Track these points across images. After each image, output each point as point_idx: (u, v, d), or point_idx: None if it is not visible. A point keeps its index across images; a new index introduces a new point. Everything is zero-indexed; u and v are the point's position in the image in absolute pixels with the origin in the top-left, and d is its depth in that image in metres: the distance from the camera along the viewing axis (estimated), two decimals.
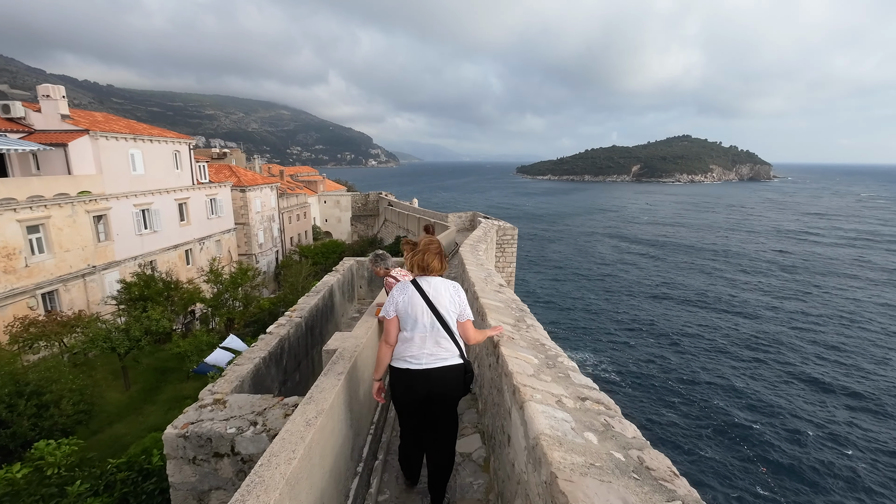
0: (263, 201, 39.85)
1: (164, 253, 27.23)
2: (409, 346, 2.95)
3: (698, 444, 22.31)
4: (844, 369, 29.57)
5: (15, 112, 21.91)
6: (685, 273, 54.05)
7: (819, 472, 20.32)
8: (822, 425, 23.60)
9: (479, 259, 9.33)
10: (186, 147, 29.32)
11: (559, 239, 77.05)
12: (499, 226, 19.91)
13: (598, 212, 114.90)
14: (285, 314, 6.45)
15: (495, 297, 5.08)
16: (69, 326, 15.71)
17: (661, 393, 27.05)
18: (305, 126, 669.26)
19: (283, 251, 43.82)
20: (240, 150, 49.93)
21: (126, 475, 5.00)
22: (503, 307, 4.73)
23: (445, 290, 3.00)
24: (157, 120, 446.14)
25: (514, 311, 4.76)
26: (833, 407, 25.24)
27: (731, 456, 21.41)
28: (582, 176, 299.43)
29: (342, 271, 8.98)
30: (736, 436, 22.65)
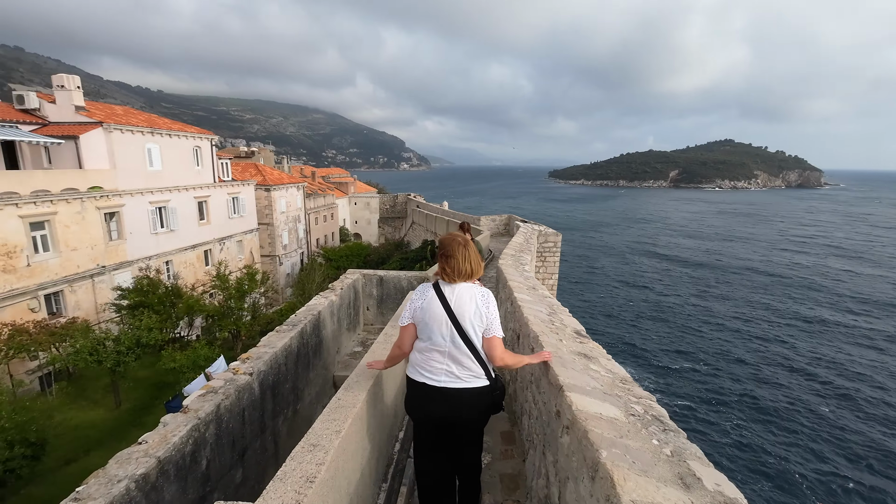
0: (289, 201, 38.51)
1: (181, 253, 25.94)
2: (426, 359, 2.57)
3: None
4: None
5: (29, 103, 20.98)
6: (735, 290, 49.36)
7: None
8: None
9: (526, 276, 6.80)
10: (208, 143, 28.07)
11: (596, 248, 73.02)
12: (540, 231, 17.24)
13: (637, 221, 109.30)
14: (231, 365, 4.12)
15: (583, 370, 2.60)
16: (58, 336, 14.12)
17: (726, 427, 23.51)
18: (340, 130, 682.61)
19: (308, 253, 42.42)
20: (268, 149, 49.07)
21: None
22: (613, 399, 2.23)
23: (471, 298, 2.53)
24: (201, 123, 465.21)
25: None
26: None
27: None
28: (616, 181, 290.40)
29: (340, 290, 6.61)
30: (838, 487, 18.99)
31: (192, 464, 3.12)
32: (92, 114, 21.50)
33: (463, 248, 2.61)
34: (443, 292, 2.54)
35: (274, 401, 4.38)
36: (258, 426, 4.08)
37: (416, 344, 2.64)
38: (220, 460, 3.46)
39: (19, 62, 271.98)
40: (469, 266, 2.58)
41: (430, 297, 2.56)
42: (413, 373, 2.64)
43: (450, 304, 2.51)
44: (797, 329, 36.92)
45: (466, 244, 2.64)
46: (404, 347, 2.68)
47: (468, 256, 2.60)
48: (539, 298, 5.03)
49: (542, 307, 4.53)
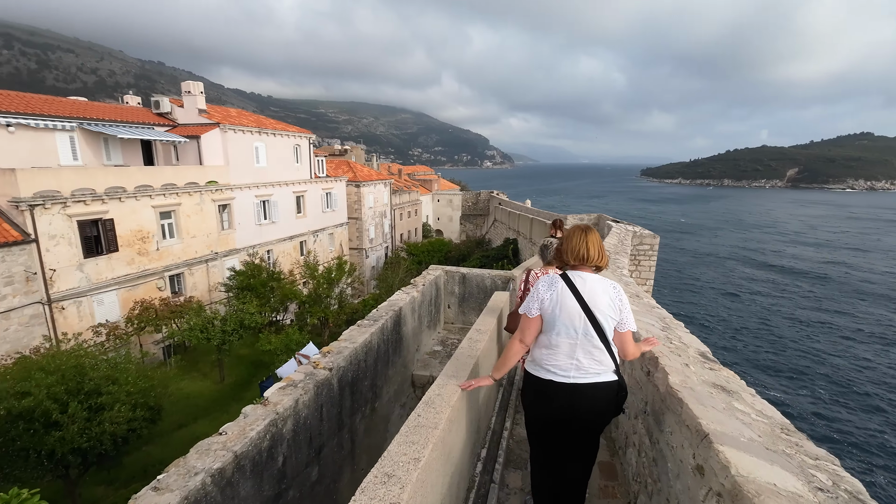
0: (376, 197, 40.07)
1: (280, 243, 28.11)
2: (552, 353, 2.44)
3: None
4: None
5: (163, 107, 23.99)
6: (867, 309, 41.90)
7: None
8: None
9: (626, 282, 6.05)
10: (306, 141, 30.07)
11: (692, 254, 66.56)
12: (634, 232, 15.82)
13: (744, 225, 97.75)
14: (312, 358, 4.04)
15: (727, 410, 2.01)
16: (177, 313, 15.91)
17: None
18: (427, 129, 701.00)
19: (392, 247, 43.88)
20: (359, 147, 51.59)
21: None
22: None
23: (604, 290, 2.40)
24: (303, 124, 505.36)
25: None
26: None
27: None
28: (720, 180, 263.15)
29: (422, 286, 6.41)
30: None
31: (269, 460, 3.03)
32: (211, 115, 24.02)
33: (582, 232, 2.56)
34: (573, 283, 2.42)
35: (352, 398, 4.24)
36: (336, 423, 3.96)
37: (539, 338, 2.52)
38: (296, 457, 3.36)
39: (161, 75, 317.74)
40: (588, 250, 2.50)
41: (561, 287, 2.43)
42: (536, 369, 2.52)
43: (582, 295, 2.38)
44: None
45: (587, 230, 2.58)
46: (527, 341, 2.54)
47: (587, 240, 2.52)
48: (646, 309, 4.35)
49: (653, 320, 3.87)
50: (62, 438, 7.49)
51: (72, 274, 16.97)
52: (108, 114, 21.26)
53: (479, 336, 3.62)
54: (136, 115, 22.77)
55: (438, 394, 2.52)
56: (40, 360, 8.41)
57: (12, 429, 7.48)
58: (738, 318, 39.05)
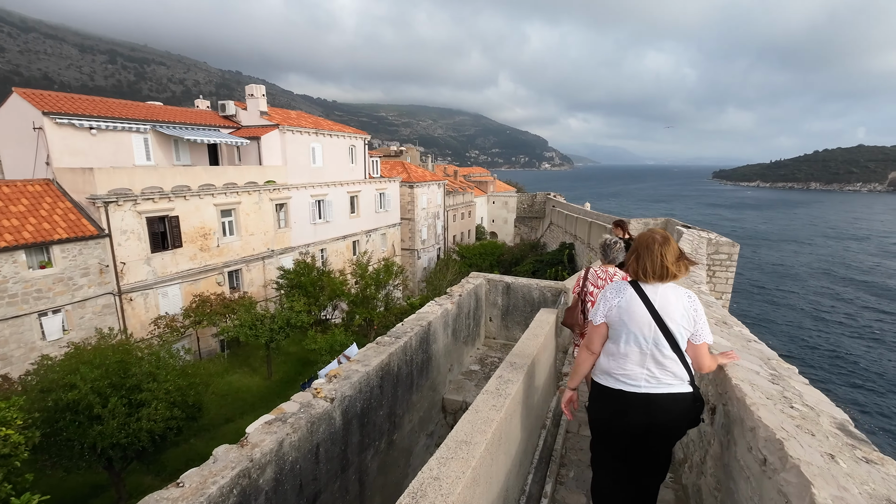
0: (430, 198, 39.86)
1: (334, 242, 28.54)
2: (622, 362, 2.33)
3: None
4: None
5: (229, 111, 25.11)
6: None
7: None
8: None
9: (708, 303, 4.92)
10: (361, 142, 30.36)
11: (774, 268, 60.37)
12: (709, 239, 14.03)
13: (836, 235, 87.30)
14: (314, 384, 3.41)
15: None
16: (231, 308, 16.32)
17: None
18: (484, 130, 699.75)
19: (444, 249, 43.51)
20: (414, 148, 51.83)
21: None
22: None
23: (678, 299, 2.29)
24: (365, 128, 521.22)
25: None
26: None
27: None
28: (807, 183, 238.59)
29: (458, 296, 5.64)
30: None
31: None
32: (271, 118, 24.80)
33: (661, 245, 2.35)
34: (644, 291, 2.32)
35: (362, 432, 3.56)
36: (338, 464, 3.29)
37: (608, 346, 2.44)
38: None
39: (238, 83, 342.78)
40: (666, 264, 2.30)
41: (630, 294, 2.34)
42: (605, 379, 2.42)
43: (653, 303, 2.29)
44: None
45: (666, 241, 2.38)
46: (594, 349, 2.49)
47: (667, 252, 2.32)
48: (741, 343, 3.29)
49: (754, 362, 2.83)
50: (102, 433, 7.60)
51: (140, 267, 17.99)
52: (179, 117, 22.51)
53: (511, 375, 2.80)
54: (203, 118, 23.98)
55: (472, 429, 1.76)
56: (88, 352, 8.67)
57: (60, 419, 7.71)
58: (829, 344, 34.55)
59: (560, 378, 5.45)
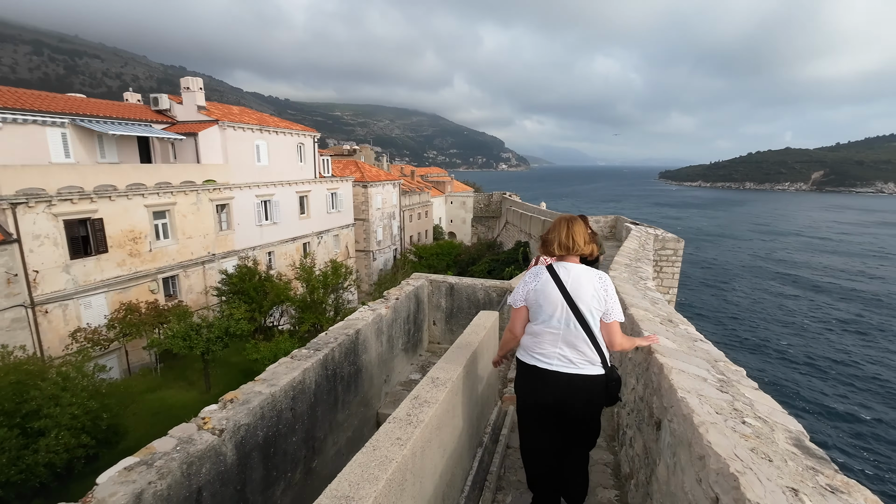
0: (385, 198, 39.07)
1: (282, 245, 27.23)
2: (538, 341, 2.48)
3: None
4: None
5: (162, 104, 23.31)
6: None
7: None
8: None
9: (653, 299, 4.73)
10: (311, 140, 29.19)
11: (715, 264, 64.02)
12: (656, 236, 14.32)
13: (770, 231, 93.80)
14: (202, 413, 2.85)
15: None
16: (162, 318, 14.98)
17: None
18: (442, 131, 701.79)
19: (401, 250, 42.82)
20: (368, 147, 50.78)
21: None
22: None
23: (589, 281, 2.40)
24: (320, 128, 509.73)
25: None
26: None
27: None
28: (742, 183, 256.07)
29: (395, 300, 5.17)
30: None
31: None
32: (211, 112, 23.26)
33: (567, 222, 2.55)
34: (558, 274, 2.44)
35: (266, 465, 3.02)
36: None
37: (529, 327, 2.57)
38: None
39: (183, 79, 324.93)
40: (570, 240, 2.48)
41: (545, 278, 2.46)
42: (523, 355, 2.57)
43: (565, 285, 2.40)
44: None
45: (572, 220, 2.56)
46: (516, 331, 2.62)
47: (570, 230, 2.50)
48: (687, 344, 3.02)
49: (702, 366, 2.55)
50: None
51: (57, 276, 16.21)
52: (104, 110, 20.60)
53: (430, 394, 2.37)
54: (132, 112, 22.11)
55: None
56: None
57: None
58: (767, 334, 36.87)
59: (506, 385, 5.10)
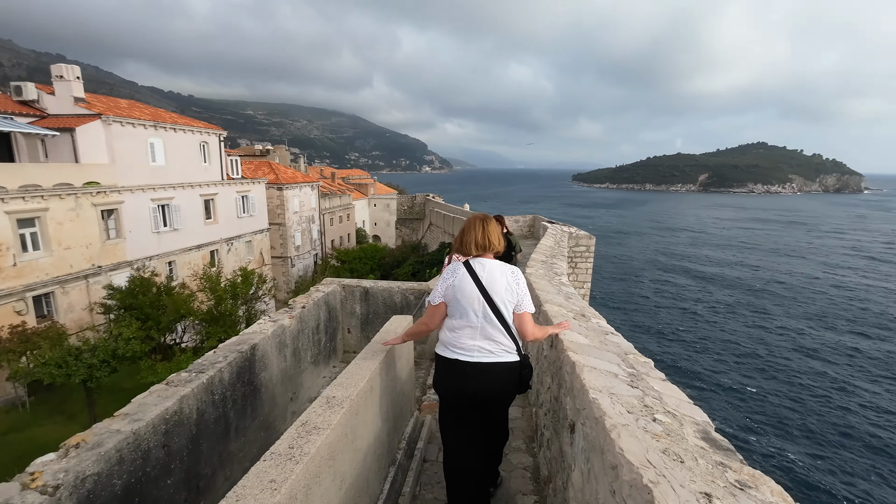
0: (303, 201, 37.22)
1: (186, 254, 24.71)
2: (457, 335, 2.56)
3: None
4: None
5: (27, 94, 20.03)
6: (784, 308, 45.85)
7: None
8: None
9: (567, 294, 4.77)
10: (216, 138, 26.88)
11: (621, 258, 69.76)
12: (570, 233, 15.05)
13: (666, 228, 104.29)
14: (36, 462, 2.26)
15: None
16: (32, 343, 12.72)
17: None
18: (363, 133, 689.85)
19: (322, 254, 41.08)
20: (284, 148, 48.15)
21: None
22: None
23: (502, 275, 2.55)
24: (231, 127, 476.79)
25: None
26: None
27: None
28: (643, 185, 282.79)
29: (301, 309, 4.70)
30: None
31: None
32: (92, 105, 20.43)
33: (480, 221, 2.67)
34: (474, 269, 2.55)
35: None
36: None
37: (447, 322, 2.64)
38: None
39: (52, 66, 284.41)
40: (486, 240, 2.61)
41: (462, 274, 2.56)
42: (443, 350, 2.61)
43: (481, 280, 2.52)
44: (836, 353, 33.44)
45: (485, 219, 2.69)
46: (432, 325, 2.70)
47: (485, 230, 2.63)
48: (599, 338, 2.99)
49: (613, 361, 2.50)
50: None
51: None
52: None
53: (322, 417, 2.04)
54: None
55: None
56: None
57: None
58: (667, 319, 40.73)
59: (425, 392, 4.86)
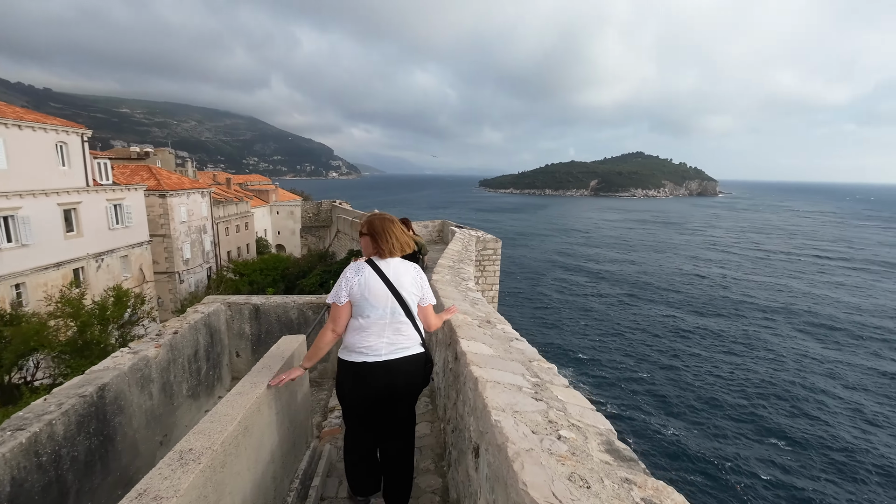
0: (191, 209, 33.61)
1: (39, 274, 20.80)
2: (364, 335, 2.55)
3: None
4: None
5: None
6: (667, 298, 51.83)
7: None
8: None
9: (473, 300, 4.68)
10: (77, 138, 23.11)
11: (524, 259, 73.91)
12: (478, 237, 15.36)
13: (565, 230, 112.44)
14: None
15: None
16: None
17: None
18: (263, 136, 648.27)
19: (217, 267, 37.48)
20: (167, 150, 43.22)
21: None
22: None
23: (406, 270, 2.63)
24: (103, 127, 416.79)
25: None
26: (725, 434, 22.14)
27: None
28: (543, 190, 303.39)
29: (173, 334, 4.01)
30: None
31: None
32: None
33: (391, 223, 2.69)
34: (379, 267, 2.57)
35: None
36: None
37: (352, 323, 2.58)
38: None
39: None
40: (401, 241, 2.66)
41: (368, 272, 2.55)
42: (348, 354, 2.58)
43: (388, 276, 2.55)
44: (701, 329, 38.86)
45: (394, 220, 2.72)
46: (339, 330, 2.59)
47: (399, 231, 2.67)
48: (504, 346, 2.88)
49: (517, 371, 2.38)
50: None
51: None
52: None
53: (166, 483, 1.61)
54: None
55: None
56: None
57: None
58: (568, 316, 43.81)
59: (326, 416, 4.42)
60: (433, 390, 4.50)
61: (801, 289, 51.28)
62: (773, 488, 19.33)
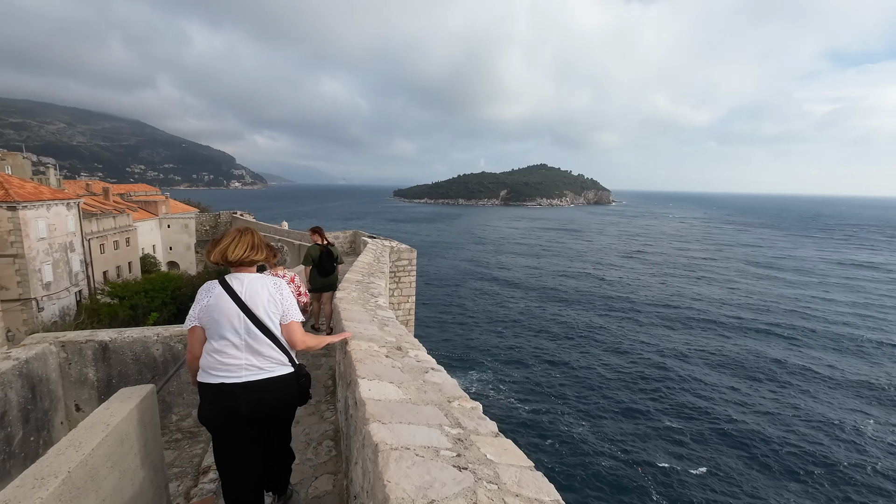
0: (53, 223, 28.55)
1: None
2: (220, 357, 2.34)
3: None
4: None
5: None
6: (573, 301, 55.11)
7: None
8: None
9: (382, 320, 4.08)
10: None
11: (442, 269, 74.60)
12: (392, 247, 14.71)
13: (478, 239, 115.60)
14: None
15: None
16: None
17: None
18: (151, 142, 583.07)
19: (90, 290, 32.22)
20: (21, 155, 36.53)
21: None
22: None
23: (263, 286, 2.45)
24: None
25: None
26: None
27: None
28: (456, 200, 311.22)
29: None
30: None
31: None
32: None
33: (238, 233, 2.53)
34: (230, 285, 2.43)
35: None
36: None
37: (207, 345, 2.42)
38: None
39: None
40: (237, 250, 2.46)
41: (218, 292, 2.41)
42: (206, 376, 2.38)
43: (240, 295, 2.39)
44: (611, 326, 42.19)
45: (245, 231, 2.55)
46: (196, 352, 2.47)
47: (239, 241, 2.49)
48: (417, 382, 2.33)
49: (432, 422, 1.84)
50: None
51: None
52: None
53: None
54: None
55: None
56: None
57: None
58: (487, 326, 44.65)
59: (198, 480, 3.50)
60: (337, 431, 3.79)
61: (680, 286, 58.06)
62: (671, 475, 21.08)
